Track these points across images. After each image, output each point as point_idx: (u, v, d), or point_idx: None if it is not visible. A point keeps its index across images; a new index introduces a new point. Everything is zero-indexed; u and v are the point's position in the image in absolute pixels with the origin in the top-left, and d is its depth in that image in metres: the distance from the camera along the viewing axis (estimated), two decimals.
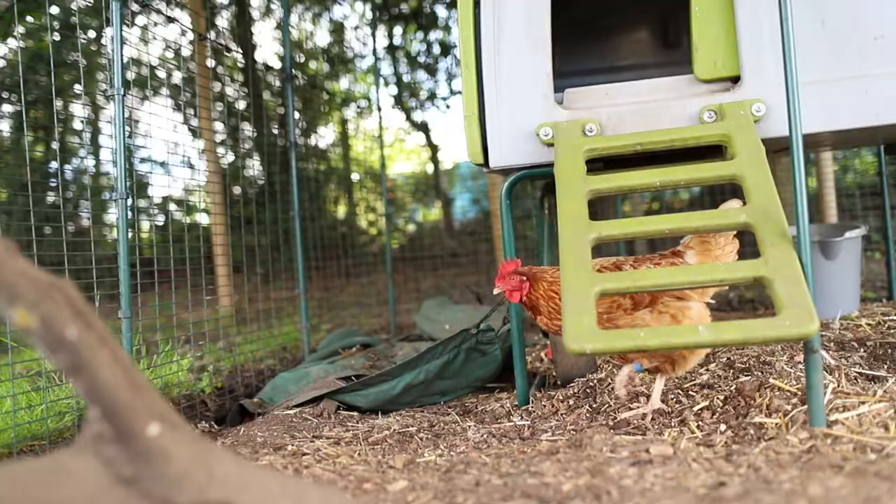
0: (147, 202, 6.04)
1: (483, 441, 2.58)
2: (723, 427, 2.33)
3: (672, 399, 2.72)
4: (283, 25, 5.22)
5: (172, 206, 5.46)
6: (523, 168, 2.96)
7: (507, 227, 3.04)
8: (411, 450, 2.53)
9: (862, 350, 3.08)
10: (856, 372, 2.68)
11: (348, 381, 3.48)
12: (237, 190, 6.96)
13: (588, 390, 2.98)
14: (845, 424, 2.09)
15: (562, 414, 2.86)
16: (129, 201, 3.26)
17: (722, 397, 2.57)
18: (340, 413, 3.22)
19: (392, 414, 3.22)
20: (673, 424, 2.47)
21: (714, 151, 2.89)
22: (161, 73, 5.28)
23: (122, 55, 3.12)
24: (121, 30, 3.13)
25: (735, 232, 2.63)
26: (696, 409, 2.54)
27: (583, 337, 2.05)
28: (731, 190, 6.30)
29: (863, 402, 2.21)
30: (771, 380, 2.54)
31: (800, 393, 2.38)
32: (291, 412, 3.14)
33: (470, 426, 2.83)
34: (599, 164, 3.01)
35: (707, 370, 2.93)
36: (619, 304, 2.51)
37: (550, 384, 3.50)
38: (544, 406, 2.96)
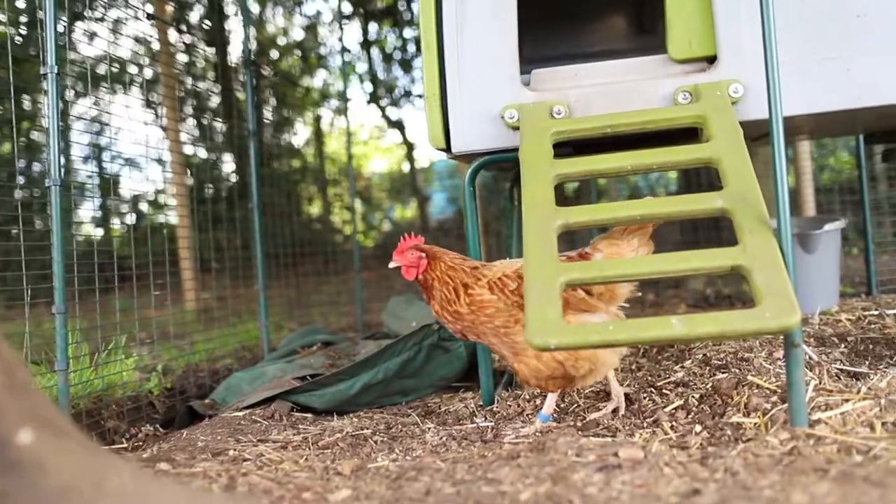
0: (99, 197, 5.75)
1: (442, 444, 2.39)
2: (698, 427, 2.18)
3: (645, 398, 2.55)
4: (240, 3, 5.00)
5: (118, 199, 5.21)
6: (488, 153, 2.78)
7: (471, 216, 2.87)
8: (363, 454, 2.34)
9: (843, 346, 2.95)
10: (837, 368, 2.55)
11: (305, 380, 3.27)
12: (207, 187, 6.71)
13: None
14: (828, 424, 1.94)
15: (528, 414, 2.69)
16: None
17: (697, 396, 2.42)
18: (294, 415, 3.01)
19: (348, 415, 3.02)
20: (645, 425, 2.31)
21: (689, 135, 2.72)
22: (117, 64, 5.01)
23: (55, 29, 2.88)
24: (54, 2, 2.89)
25: (651, 234, 2.50)
26: (669, 408, 2.38)
27: (547, 331, 1.88)
28: (708, 183, 6.19)
29: (846, 400, 2.06)
30: (749, 377, 2.39)
31: (780, 391, 2.22)
32: (240, 414, 2.93)
33: (430, 428, 2.65)
34: (568, 149, 2.84)
35: (682, 367, 2.78)
36: (516, 320, 2.33)
37: (518, 383, 3.32)
38: (510, 406, 2.78)
